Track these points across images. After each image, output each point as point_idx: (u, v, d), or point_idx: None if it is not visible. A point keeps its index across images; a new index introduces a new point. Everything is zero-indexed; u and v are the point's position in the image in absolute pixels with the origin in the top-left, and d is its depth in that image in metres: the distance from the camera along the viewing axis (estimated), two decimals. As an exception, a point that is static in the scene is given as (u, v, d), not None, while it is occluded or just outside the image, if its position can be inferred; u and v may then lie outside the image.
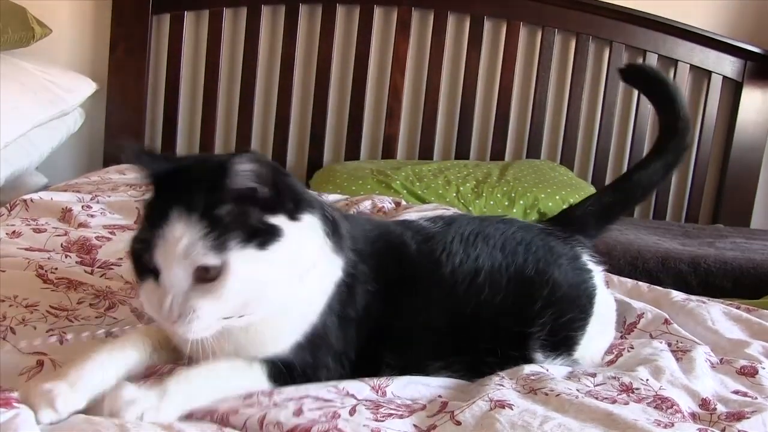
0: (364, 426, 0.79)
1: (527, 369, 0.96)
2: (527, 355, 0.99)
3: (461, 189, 2.27)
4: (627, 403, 0.90)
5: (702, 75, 2.65)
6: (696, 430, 0.85)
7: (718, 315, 1.27)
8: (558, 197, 2.26)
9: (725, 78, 2.63)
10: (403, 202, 1.96)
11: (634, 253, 1.87)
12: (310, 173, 2.52)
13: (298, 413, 0.79)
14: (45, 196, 1.66)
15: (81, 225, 1.50)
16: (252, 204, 0.80)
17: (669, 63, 2.61)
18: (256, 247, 0.79)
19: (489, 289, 0.97)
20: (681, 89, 1.16)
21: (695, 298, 1.35)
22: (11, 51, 2.25)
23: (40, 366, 0.87)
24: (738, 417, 0.91)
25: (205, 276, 0.78)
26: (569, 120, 2.64)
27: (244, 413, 0.79)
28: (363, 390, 0.87)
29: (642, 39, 2.60)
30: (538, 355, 1.00)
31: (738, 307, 1.33)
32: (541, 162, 2.58)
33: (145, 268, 0.80)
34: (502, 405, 0.85)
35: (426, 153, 2.63)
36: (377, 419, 0.81)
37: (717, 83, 2.63)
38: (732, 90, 2.66)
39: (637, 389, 0.95)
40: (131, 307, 1.06)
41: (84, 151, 2.61)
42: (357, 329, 0.91)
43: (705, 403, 0.96)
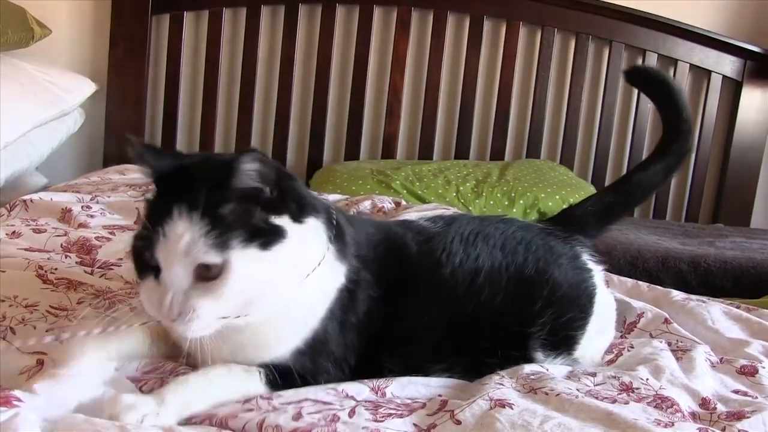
0: (363, 428, 0.79)
1: (527, 368, 0.96)
2: (527, 355, 0.99)
3: (461, 189, 2.27)
4: (627, 403, 0.90)
5: (702, 75, 2.64)
6: (696, 429, 0.85)
7: (718, 314, 1.27)
8: (558, 197, 2.26)
9: (725, 77, 2.63)
10: (403, 202, 1.96)
11: (634, 253, 1.87)
12: (310, 172, 2.52)
13: (297, 417, 0.79)
14: (45, 196, 1.66)
15: (81, 225, 1.50)
16: (255, 204, 0.80)
17: (669, 63, 2.61)
18: (258, 247, 0.79)
19: (489, 289, 0.97)
20: (684, 92, 1.16)
21: (695, 297, 1.35)
22: (11, 51, 2.24)
23: (40, 365, 0.87)
24: (738, 416, 0.91)
25: (206, 274, 0.78)
26: (569, 120, 2.64)
27: (243, 417, 0.79)
28: (362, 391, 0.87)
29: (642, 39, 2.60)
30: (538, 355, 1.00)
31: (738, 307, 1.33)
32: (541, 162, 2.57)
33: (146, 266, 0.80)
34: (502, 404, 0.85)
35: (426, 152, 2.63)
36: (377, 419, 0.81)
37: (717, 83, 2.63)
38: (732, 89, 2.66)
39: (637, 389, 0.95)
40: (131, 307, 1.06)
41: (84, 152, 2.61)
42: (358, 335, 0.91)
43: (705, 403, 0.96)
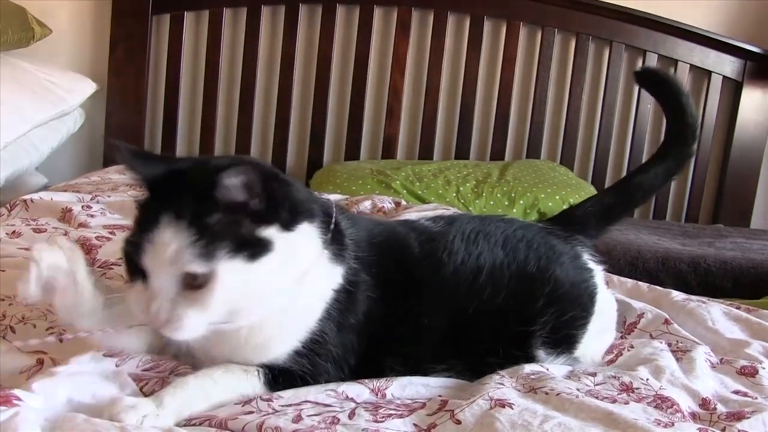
0: (363, 429, 0.79)
1: (527, 368, 0.95)
2: (529, 354, 0.99)
3: (461, 189, 2.27)
4: (627, 403, 0.90)
5: (702, 75, 2.64)
6: (696, 429, 0.84)
7: (718, 315, 1.27)
8: (558, 197, 2.26)
9: (725, 78, 2.63)
10: (403, 202, 1.96)
11: (634, 253, 1.87)
12: (310, 173, 2.52)
13: (297, 419, 0.79)
14: (45, 196, 1.66)
15: (81, 225, 1.50)
16: (243, 214, 0.80)
17: (669, 63, 2.61)
18: (244, 259, 0.79)
19: (491, 287, 0.97)
20: (690, 98, 1.17)
21: (695, 298, 1.34)
22: (11, 51, 2.25)
23: (39, 364, 0.87)
24: (738, 417, 0.91)
25: (193, 283, 0.78)
26: (569, 120, 2.64)
27: (243, 419, 0.79)
28: (362, 393, 0.87)
29: (642, 39, 2.60)
30: (539, 353, 1.00)
31: (738, 307, 1.33)
32: (541, 162, 2.57)
33: (136, 269, 0.80)
34: (502, 404, 0.85)
35: (426, 153, 2.63)
36: (377, 420, 0.81)
37: (717, 83, 2.63)
38: (732, 90, 2.66)
39: (638, 389, 0.95)
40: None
41: (84, 152, 2.61)
42: (358, 335, 0.91)
43: (705, 403, 0.96)
